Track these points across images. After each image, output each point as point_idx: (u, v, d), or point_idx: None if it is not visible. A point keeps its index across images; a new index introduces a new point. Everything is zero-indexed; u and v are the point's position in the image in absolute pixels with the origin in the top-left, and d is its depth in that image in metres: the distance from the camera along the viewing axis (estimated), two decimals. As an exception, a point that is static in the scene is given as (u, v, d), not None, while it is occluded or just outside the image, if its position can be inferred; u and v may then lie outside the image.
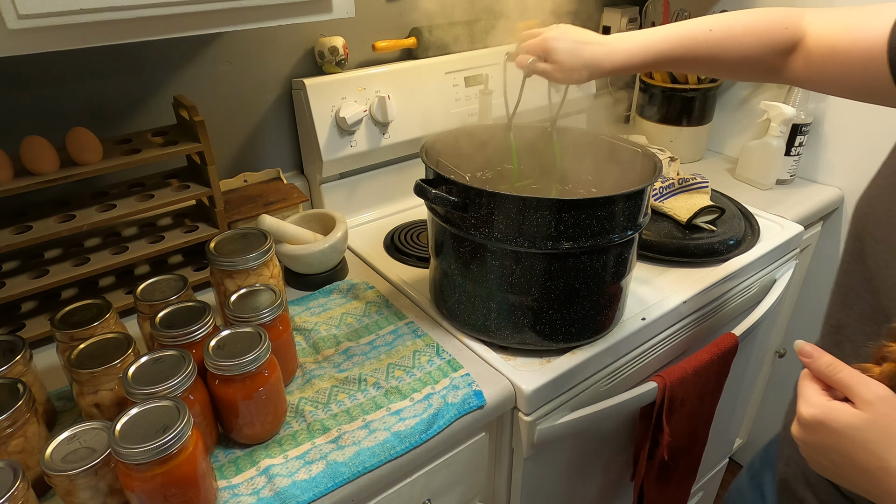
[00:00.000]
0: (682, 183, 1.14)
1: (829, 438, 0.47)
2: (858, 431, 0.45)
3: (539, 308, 0.77)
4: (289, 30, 1.03)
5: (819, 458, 0.49)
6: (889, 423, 0.44)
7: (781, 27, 0.69)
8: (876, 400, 0.45)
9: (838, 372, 0.47)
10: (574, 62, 0.73)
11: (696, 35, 0.71)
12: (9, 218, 0.80)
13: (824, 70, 0.67)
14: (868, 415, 0.45)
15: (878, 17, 0.61)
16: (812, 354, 0.49)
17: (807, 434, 0.49)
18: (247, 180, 1.05)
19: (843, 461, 0.47)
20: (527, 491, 0.88)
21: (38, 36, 0.55)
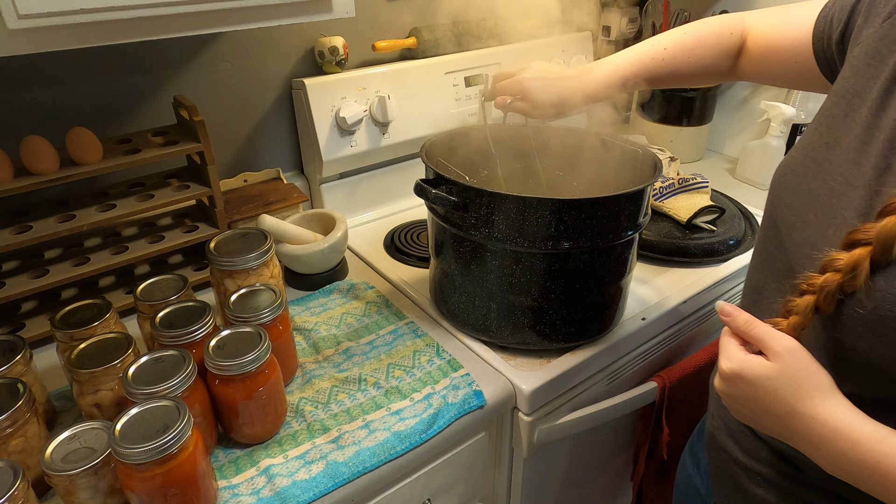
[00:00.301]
0: (682, 183, 1.14)
1: (746, 388, 0.52)
2: (770, 381, 0.50)
3: (539, 308, 0.77)
4: (289, 30, 1.03)
5: (738, 406, 0.55)
6: (795, 373, 0.49)
7: (727, 33, 0.75)
8: (784, 352, 0.50)
9: (753, 328, 0.52)
10: (549, 99, 0.77)
11: (654, 55, 0.77)
12: (9, 218, 0.80)
13: (764, 65, 0.73)
14: (778, 365, 0.50)
15: (805, 12, 0.66)
16: (731, 313, 0.54)
17: (726, 386, 0.54)
18: (247, 180, 1.05)
19: (758, 408, 0.52)
20: (527, 491, 0.88)
21: (38, 36, 0.55)
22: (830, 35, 0.62)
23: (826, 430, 0.48)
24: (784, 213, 0.58)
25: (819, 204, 0.53)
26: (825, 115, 0.57)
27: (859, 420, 0.47)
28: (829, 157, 0.54)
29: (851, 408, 0.48)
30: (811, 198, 0.54)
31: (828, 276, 0.48)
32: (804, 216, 0.55)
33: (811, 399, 0.49)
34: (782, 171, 0.60)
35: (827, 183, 0.53)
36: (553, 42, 1.30)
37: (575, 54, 1.32)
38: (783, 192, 0.58)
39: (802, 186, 0.56)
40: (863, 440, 0.46)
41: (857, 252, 0.46)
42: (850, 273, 0.46)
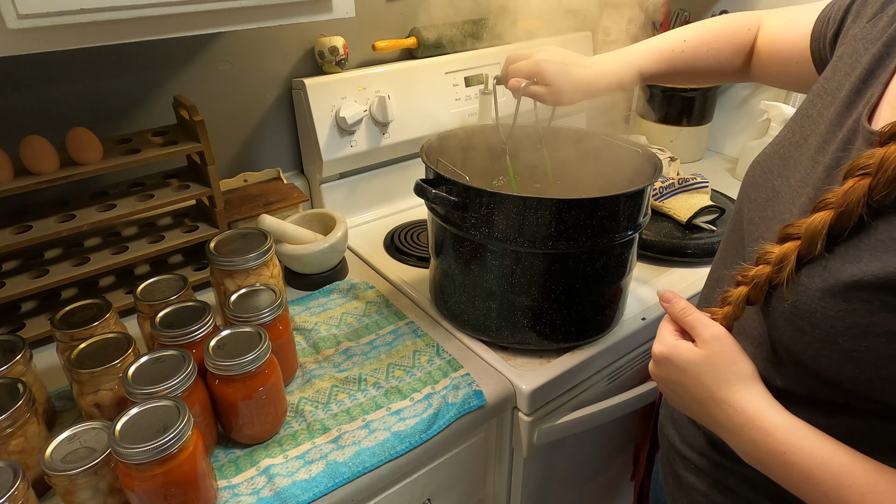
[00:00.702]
0: (682, 183, 1.14)
1: (673, 372, 0.54)
2: (694, 366, 0.52)
3: (539, 308, 0.77)
4: (289, 30, 1.03)
5: (668, 390, 0.57)
6: (719, 360, 0.51)
7: (745, 29, 0.74)
8: (711, 339, 0.51)
9: (688, 315, 0.54)
10: (566, 84, 0.75)
11: (674, 47, 0.76)
12: (9, 218, 0.80)
13: (769, 65, 0.72)
14: (704, 352, 0.52)
15: (810, 12, 0.66)
16: (671, 300, 0.56)
17: (657, 368, 0.57)
18: (247, 180, 1.05)
19: (683, 392, 0.54)
20: (527, 491, 0.88)
21: (38, 36, 0.55)
22: (826, 35, 0.62)
23: (741, 418, 0.49)
24: (748, 207, 0.58)
25: (778, 201, 0.54)
26: (800, 114, 0.57)
27: (773, 411, 0.48)
28: (795, 155, 0.55)
29: (768, 398, 0.49)
30: (773, 194, 0.55)
31: (759, 269, 0.49)
32: (763, 212, 0.56)
33: (730, 386, 0.50)
34: (753, 166, 0.60)
35: (788, 180, 0.54)
36: (553, 42, 1.30)
37: (575, 54, 1.32)
38: (749, 187, 0.59)
39: (767, 182, 0.56)
40: (773, 430, 0.47)
41: (786, 245, 0.47)
42: (778, 265, 0.47)
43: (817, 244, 0.45)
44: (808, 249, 0.45)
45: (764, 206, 0.56)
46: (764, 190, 0.56)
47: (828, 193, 0.45)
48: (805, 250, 0.46)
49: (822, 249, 0.45)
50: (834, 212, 0.44)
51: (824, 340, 0.45)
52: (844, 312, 0.43)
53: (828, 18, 0.62)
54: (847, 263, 0.43)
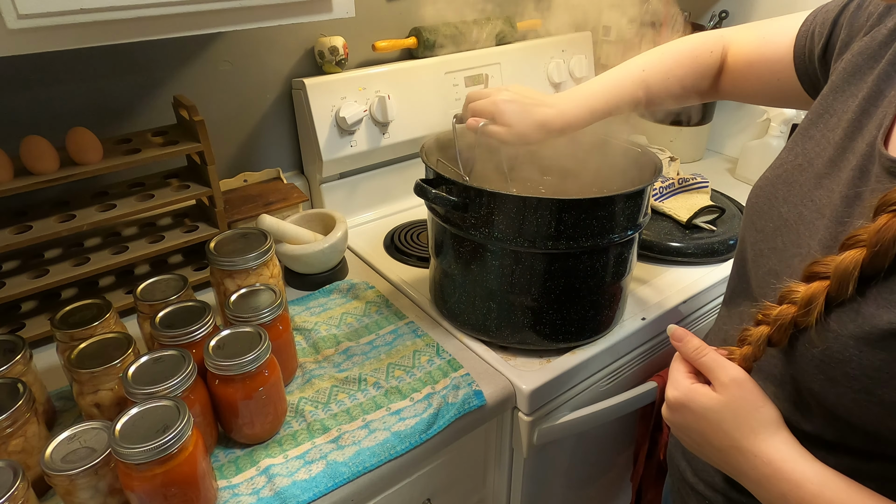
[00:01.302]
0: (682, 183, 1.14)
1: (691, 419, 0.51)
2: (714, 413, 0.49)
3: (539, 308, 0.77)
4: (289, 30, 1.03)
5: (684, 436, 0.53)
6: (740, 406, 0.48)
7: (707, 52, 0.72)
8: (731, 383, 0.48)
9: (703, 356, 0.50)
10: (525, 125, 0.73)
11: (633, 78, 0.74)
12: (9, 218, 0.80)
13: (745, 83, 0.71)
14: (723, 397, 0.48)
15: (786, 27, 0.64)
16: (682, 338, 0.52)
17: (672, 414, 0.53)
18: (247, 180, 1.05)
19: (702, 440, 0.51)
20: (527, 491, 0.88)
21: (38, 36, 0.55)
22: (812, 50, 0.60)
23: (768, 469, 0.46)
24: (753, 237, 0.55)
25: (787, 230, 0.51)
26: (801, 134, 0.55)
27: (802, 461, 0.45)
28: (800, 180, 0.52)
29: (796, 447, 0.46)
30: (780, 223, 0.52)
31: (783, 309, 0.45)
32: (772, 242, 0.53)
33: (755, 435, 0.47)
34: (755, 192, 0.57)
35: (796, 208, 0.51)
36: (553, 42, 1.30)
37: (575, 54, 1.32)
38: (754, 216, 0.56)
39: (773, 210, 0.53)
40: (804, 482, 0.44)
41: (814, 285, 0.43)
42: (805, 307, 0.43)
43: (849, 286, 0.41)
44: (838, 291, 0.42)
45: (772, 236, 0.53)
46: (770, 219, 0.53)
47: (858, 229, 0.41)
48: (835, 292, 0.42)
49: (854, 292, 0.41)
50: (866, 251, 0.40)
51: (861, 391, 0.42)
52: (883, 362, 0.40)
53: (811, 33, 0.60)
54: (882, 308, 0.40)
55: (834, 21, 0.57)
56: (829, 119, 0.52)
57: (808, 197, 0.50)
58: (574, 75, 1.32)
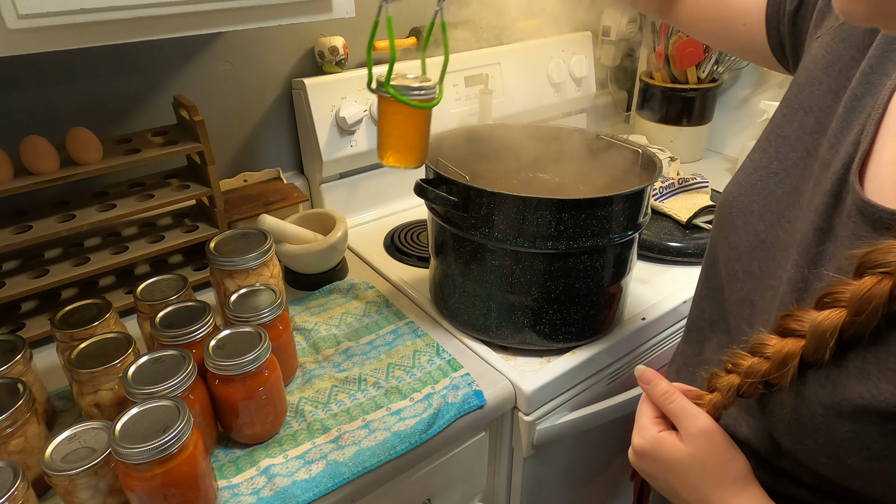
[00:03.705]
0: (682, 183, 1.14)
1: (658, 469, 0.49)
2: (681, 465, 0.46)
3: (539, 308, 0.77)
4: (289, 30, 1.03)
5: (653, 483, 0.51)
6: (708, 459, 0.45)
7: None
8: (698, 434, 0.46)
9: (670, 402, 0.48)
10: None
11: None
12: (9, 218, 0.80)
13: (708, 19, 0.64)
14: (690, 449, 0.46)
15: None
16: (650, 381, 0.50)
17: (639, 461, 0.51)
18: (247, 180, 1.05)
19: (670, 490, 0.49)
20: (527, 491, 0.88)
21: (38, 36, 0.55)
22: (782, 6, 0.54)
23: None
24: (727, 254, 0.51)
25: (763, 253, 0.47)
26: (774, 132, 0.50)
27: None
28: (777, 193, 0.47)
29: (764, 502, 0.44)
30: (756, 242, 0.48)
31: (755, 362, 0.42)
32: (747, 264, 0.49)
33: (723, 490, 0.45)
34: (728, 201, 0.51)
35: (773, 228, 0.47)
36: (553, 42, 1.30)
37: (575, 54, 1.32)
38: (727, 229, 0.51)
39: (748, 226, 0.49)
40: None
41: (788, 343, 0.40)
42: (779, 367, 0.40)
43: (825, 350, 0.37)
44: (813, 354, 0.38)
45: (747, 258, 0.49)
46: (745, 236, 0.49)
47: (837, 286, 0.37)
48: (810, 354, 0.38)
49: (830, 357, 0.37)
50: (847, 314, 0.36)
51: (831, 458, 0.40)
52: (854, 434, 0.37)
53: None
54: (853, 379, 0.37)
55: None
56: (805, 117, 0.47)
57: (785, 216, 0.46)
58: (574, 75, 1.32)
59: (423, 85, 0.64)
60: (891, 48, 0.43)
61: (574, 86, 1.34)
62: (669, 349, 0.96)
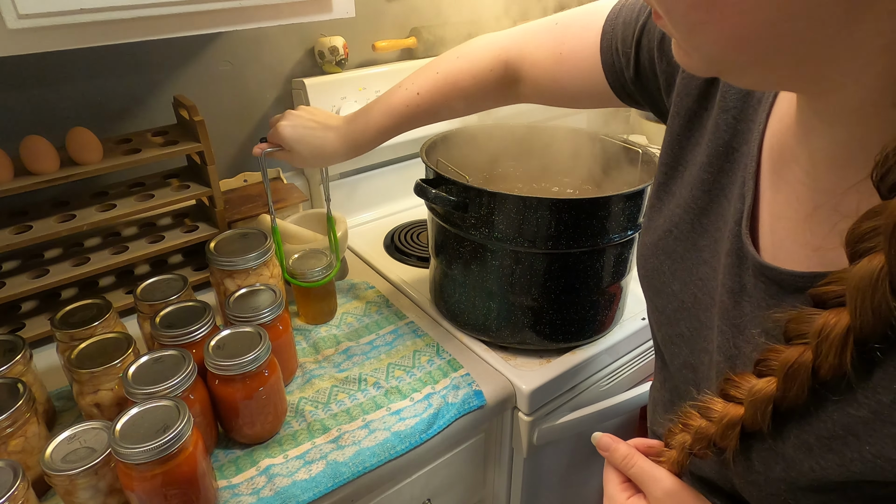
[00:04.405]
0: (682, 183, 1.13)
1: None
2: None
3: (539, 308, 0.77)
4: (289, 30, 1.03)
5: None
6: None
7: (487, 70, 0.67)
8: (664, 497, 0.45)
9: (632, 466, 0.48)
10: (303, 150, 0.74)
11: (408, 102, 0.71)
12: (9, 218, 0.80)
13: (554, 97, 0.66)
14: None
15: (585, 40, 0.59)
16: (609, 447, 0.49)
17: None
18: (247, 180, 1.05)
19: None
20: (526, 491, 0.88)
21: (38, 36, 0.55)
22: (622, 72, 0.56)
23: None
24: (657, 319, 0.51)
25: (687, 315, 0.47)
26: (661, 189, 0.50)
27: None
28: (679, 251, 0.47)
29: None
30: (678, 304, 0.48)
31: (702, 425, 0.41)
32: (676, 328, 0.48)
33: None
34: (641, 263, 0.52)
35: (688, 287, 0.47)
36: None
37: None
38: (651, 293, 0.52)
39: (666, 288, 0.49)
40: None
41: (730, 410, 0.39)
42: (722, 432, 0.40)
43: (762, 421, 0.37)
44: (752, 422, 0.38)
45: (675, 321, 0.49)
46: (667, 298, 0.49)
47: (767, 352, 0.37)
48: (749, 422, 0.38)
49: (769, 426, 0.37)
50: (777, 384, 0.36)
51: None
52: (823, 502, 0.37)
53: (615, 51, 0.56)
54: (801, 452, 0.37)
55: (637, 42, 0.53)
56: (683, 172, 0.48)
57: (695, 275, 0.46)
58: (574, 75, 1.31)
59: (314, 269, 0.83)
60: (744, 94, 0.43)
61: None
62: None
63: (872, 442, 0.33)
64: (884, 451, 0.33)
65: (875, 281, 0.30)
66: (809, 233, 0.38)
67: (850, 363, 0.32)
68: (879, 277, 0.30)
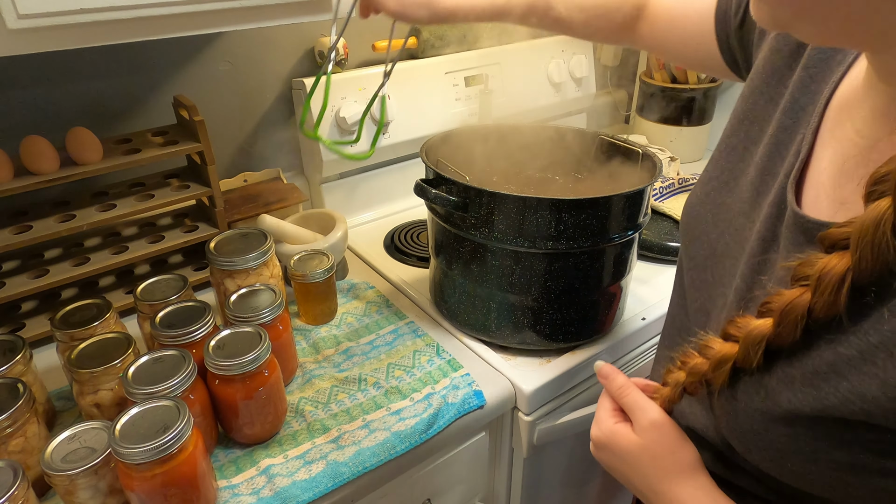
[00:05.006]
0: (682, 183, 1.14)
1: (613, 460, 0.52)
2: (633, 456, 0.49)
3: (539, 308, 0.77)
4: (289, 30, 1.03)
5: (610, 472, 0.54)
6: (657, 449, 0.48)
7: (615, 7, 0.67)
8: (649, 426, 0.48)
9: (626, 396, 0.50)
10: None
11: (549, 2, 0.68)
12: (9, 218, 0.80)
13: (666, 38, 0.67)
14: (642, 440, 0.48)
15: None
16: (608, 376, 0.52)
17: (597, 452, 0.54)
18: (247, 180, 1.05)
19: (625, 479, 0.52)
20: (527, 491, 0.88)
21: (38, 36, 0.55)
22: (729, 22, 0.56)
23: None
24: (688, 264, 0.53)
25: (716, 262, 0.49)
26: (725, 144, 0.51)
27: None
28: (727, 202, 0.49)
29: (710, 491, 0.46)
30: (710, 252, 0.49)
31: (698, 362, 0.44)
32: (703, 273, 0.50)
33: (670, 479, 0.47)
34: (687, 211, 0.54)
35: (723, 237, 0.48)
36: (553, 42, 1.30)
37: (575, 54, 1.32)
38: (687, 241, 0.53)
39: (703, 236, 0.51)
40: None
41: (725, 348, 0.42)
42: (715, 368, 0.42)
43: (753, 357, 0.39)
44: (744, 360, 0.40)
45: (703, 267, 0.50)
46: (701, 246, 0.51)
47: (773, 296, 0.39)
48: (741, 360, 0.40)
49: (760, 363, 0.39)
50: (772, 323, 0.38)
51: (773, 461, 0.41)
52: (789, 437, 0.39)
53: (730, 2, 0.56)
54: (782, 385, 0.39)
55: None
56: (751, 127, 0.49)
57: (733, 224, 0.48)
58: (574, 75, 1.32)
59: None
60: (827, 56, 0.44)
61: (574, 86, 1.34)
62: (669, 349, 0.96)
63: (851, 379, 0.35)
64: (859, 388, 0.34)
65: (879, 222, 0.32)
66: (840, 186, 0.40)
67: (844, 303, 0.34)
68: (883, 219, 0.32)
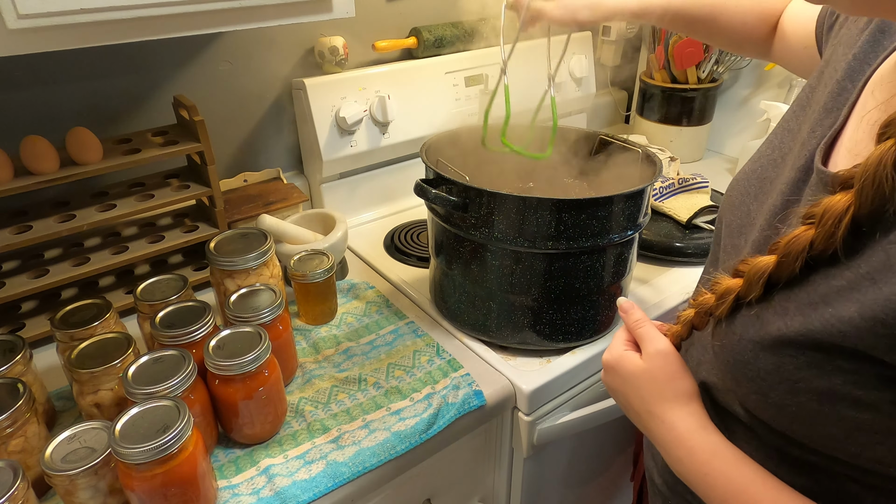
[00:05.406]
0: (682, 183, 1.14)
1: (617, 382, 0.55)
2: (636, 378, 0.53)
3: (539, 308, 0.77)
4: (289, 30, 1.03)
5: (614, 396, 0.57)
6: (659, 375, 0.51)
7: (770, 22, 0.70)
8: (655, 354, 0.52)
9: (639, 328, 0.54)
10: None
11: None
12: (9, 218, 0.80)
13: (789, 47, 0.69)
14: (646, 365, 0.52)
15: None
16: (627, 310, 0.57)
17: (605, 376, 0.57)
18: (247, 180, 1.05)
19: (626, 402, 0.55)
20: (527, 491, 0.88)
21: (38, 36, 0.55)
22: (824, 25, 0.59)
23: (670, 436, 0.49)
24: (725, 232, 0.55)
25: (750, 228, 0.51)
26: (782, 126, 0.53)
27: (701, 432, 0.48)
28: (772, 176, 0.51)
29: (701, 419, 0.49)
30: (747, 220, 0.52)
31: (706, 298, 0.48)
32: (736, 239, 0.53)
33: (665, 403, 0.50)
34: (732, 185, 0.57)
35: (762, 206, 0.50)
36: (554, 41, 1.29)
37: (575, 54, 1.32)
38: (727, 210, 0.56)
39: (743, 206, 0.53)
40: (697, 451, 0.47)
41: (731, 282, 0.45)
42: (717, 300, 0.46)
43: (754, 288, 0.42)
44: (745, 291, 0.43)
45: (737, 232, 0.53)
46: (739, 214, 0.53)
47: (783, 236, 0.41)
48: (743, 292, 0.43)
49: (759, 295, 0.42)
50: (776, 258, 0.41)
51: (758, 393, 0.43)
52: (774, 366, 0.41)
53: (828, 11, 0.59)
54: (776, 315, 0.41)
55: None
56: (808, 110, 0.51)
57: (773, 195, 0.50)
58: (574, 75, 1.32)
59: None
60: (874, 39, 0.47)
61: (574, 86, 1.34)
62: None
63: (836, 306, 0.37)
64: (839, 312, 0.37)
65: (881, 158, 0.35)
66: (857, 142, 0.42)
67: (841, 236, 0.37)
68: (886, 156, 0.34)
